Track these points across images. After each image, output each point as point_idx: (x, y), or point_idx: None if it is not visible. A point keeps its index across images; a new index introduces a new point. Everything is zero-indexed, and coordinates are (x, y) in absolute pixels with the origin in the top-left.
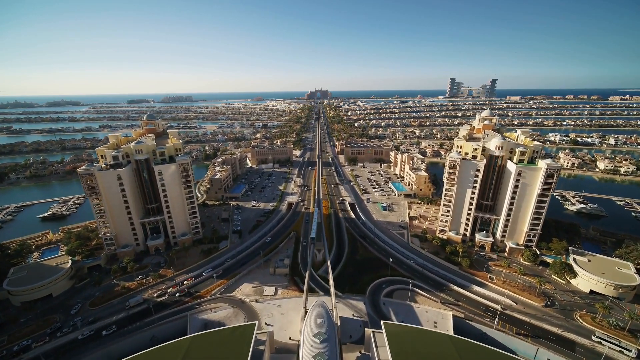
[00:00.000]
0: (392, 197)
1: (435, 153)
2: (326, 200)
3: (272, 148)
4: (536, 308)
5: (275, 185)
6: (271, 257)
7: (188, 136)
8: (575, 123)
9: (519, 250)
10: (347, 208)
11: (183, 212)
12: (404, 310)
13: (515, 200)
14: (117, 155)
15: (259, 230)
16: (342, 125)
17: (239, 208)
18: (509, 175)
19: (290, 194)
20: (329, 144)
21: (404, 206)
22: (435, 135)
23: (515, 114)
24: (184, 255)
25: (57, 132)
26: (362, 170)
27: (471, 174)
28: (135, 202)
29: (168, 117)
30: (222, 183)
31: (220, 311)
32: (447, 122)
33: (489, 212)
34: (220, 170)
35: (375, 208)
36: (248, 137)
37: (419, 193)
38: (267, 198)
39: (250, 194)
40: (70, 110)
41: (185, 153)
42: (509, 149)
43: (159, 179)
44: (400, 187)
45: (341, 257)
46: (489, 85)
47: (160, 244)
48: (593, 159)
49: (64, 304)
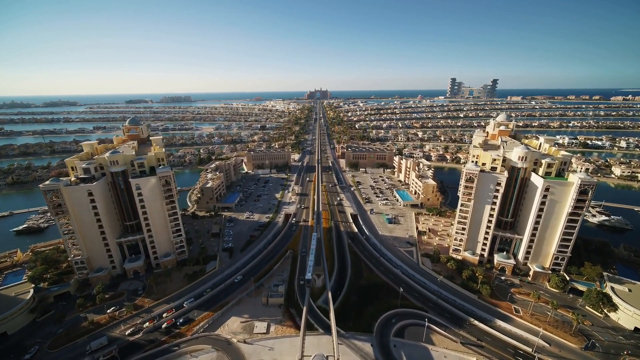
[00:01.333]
0: (397, 207)
1: (441, 157)
2: (326, 211)
3: (270, 152)
4: (574, 351)
5: (271, 193)
6: (265, 281)
7: (183, 138)
8: (581, 124)
9: (544, 274)
10: (349, 220)
11: (165, 230)
12: (419, 355)
13: (541, 218)
14: (88, 168)
15: (252, 247)
16: (343, 126)
17: (231, 220)
18: (534, 190)
19: (287, 204)
20: (329, 147)
21: (410, 218)
22: (438, 137)
23: (518, 114)
24: (165, 281)
25: (49, 134)
26: (364, 176)
27: (491, 188)
28: (110, 220)
29: (165, 118)
30: (213, 192)
31: (201, 355)
32: (450, 124)
33: (509, 231)
34: (213, 178)
35: (380, 220)
36: (245, 140)
37: (427, 203)
38: (262, 208)
39: (244, 203)
40: (66, 111)
41: (177, 157)
42: (533, 160)
43: (137, 194)
44: (406, 196)
45: (343, 281)
46: (489, 85)
47: (140, 266)
48: (607, 163)
49: (20, 345)
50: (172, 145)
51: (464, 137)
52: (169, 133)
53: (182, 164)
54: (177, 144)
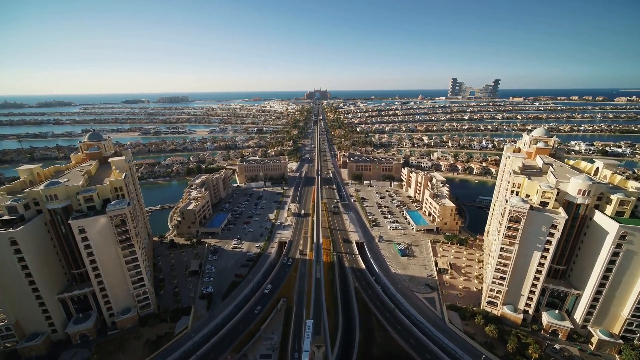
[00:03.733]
0: (409, 232)
1: (451, 167)
2: (327, 239)
3: (264, 163)
4: None
5: (264, 213)
6: (248, 350)
7: (174, 143)
8: (593, 128)
9: (613, 344)
10: (355, 251)
11: (123, 281)
12: None
13: (611, 272)
14: (14, 206)
15: (236, 293)
16: (343, 130)
17: (215, 251)
18: (599, 234)
19: (282, 227)
20: (330, 153)
21: (426, 248)
22: (445, 143)
23: (524, 117)
24: (118, 350)
25: (33, 137)
26: (369, 190)
27: (543, 231)
28: (49, 270)
29: (159, 120)
30: (196, 215)
31: None
32: (455, 127)
33: (562, 282)
34: (197, 198)
35: (391, 251)
36: (240, 145)
37: (444, 227)
38: (253, 234)
39: (233, 226)
40: (58, 112)
41: (163, 167)
42: (597, 194)
43: (81, 238)
44: (419, 218)
45: (351, 350)
46: (491, 85)
47: (89, 328)
48: (635, 175)
49: None
50: (162, 152)
51: (472, 143)
52: (161, 137)
53: (168, 174)
54: (166, 149)
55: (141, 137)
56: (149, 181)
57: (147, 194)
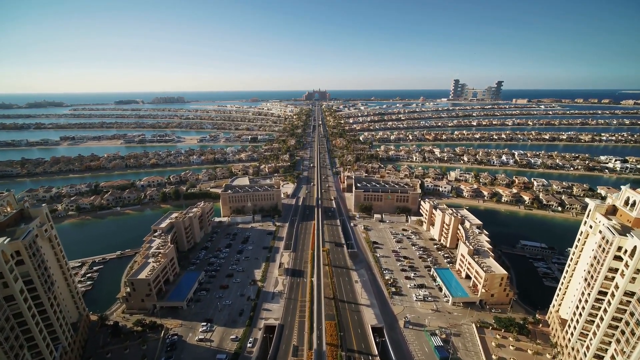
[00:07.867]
0: (443, 305)
1: (475, 192)
2: (332, 324)
3: (253, 191)
4: None
5: (250, 267)
6: None
7: (157, 156)
8: (616, 138)
9: None
10: (372, 347)
11: None
12: None
13: None
14: None
15: None
16: (345, 139)
17: (172, 347)
18: None
19: (270, 299)
20: (331, 171)
21: (472, 338)
22: (460, 156)
23: (535, 123)
24: None
25: (5, 146)
26: (381, 228)
27: None
28: None
29: (147, 125)
30: (152, 285)
31: None
32: (466, 135)
33: None
34: (157, 255)
35: (424, 348)
36: (230, 159)
37: (490, 300)
38: (230, 310)
39: (204, 294)
40: (45, 114)
41: (134, 193)
42: None
43: None
44: (455, 283)
45: None
46: (494, 87)
47: None
48: None
49: None
50: (141, 167)
51: (491, 158)
52: (145, 146)
53: (140, 200)
54: (147, 164)
55: (124, 146)
56: (115, 211)
57: (107, 229)
